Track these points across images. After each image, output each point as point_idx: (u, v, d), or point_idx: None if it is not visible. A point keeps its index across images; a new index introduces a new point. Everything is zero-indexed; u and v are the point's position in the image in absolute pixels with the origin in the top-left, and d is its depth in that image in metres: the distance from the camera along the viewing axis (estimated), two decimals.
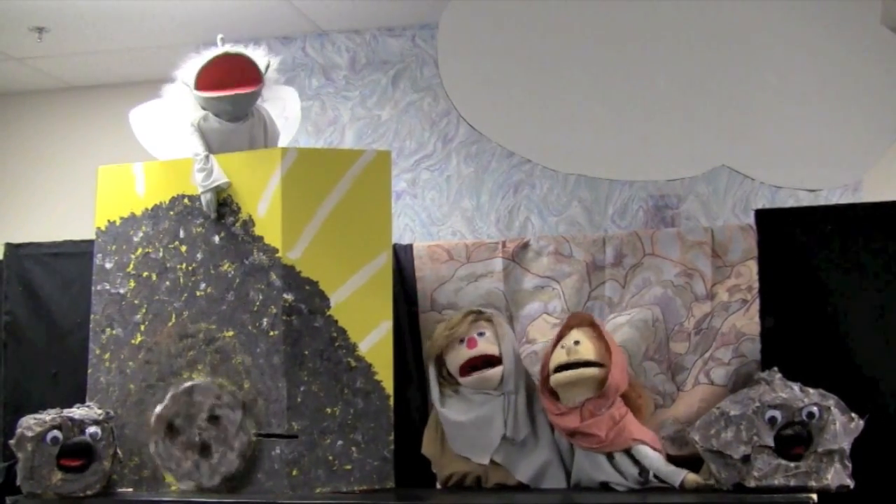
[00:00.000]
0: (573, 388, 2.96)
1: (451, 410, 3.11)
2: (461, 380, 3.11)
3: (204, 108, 3.21)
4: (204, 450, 3.04)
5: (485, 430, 3.06)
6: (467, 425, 3.08)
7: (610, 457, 2.95)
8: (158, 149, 3.54)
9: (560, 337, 3.03)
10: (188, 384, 3.08)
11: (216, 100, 3.17)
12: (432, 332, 3.21)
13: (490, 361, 3.08)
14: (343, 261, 3.10)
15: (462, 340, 3.11)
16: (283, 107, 3.57)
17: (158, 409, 3.09)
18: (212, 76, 3.16)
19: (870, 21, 3.14)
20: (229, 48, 3.19)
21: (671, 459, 2.97)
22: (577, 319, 3.06)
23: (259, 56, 3.23)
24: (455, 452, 3.10)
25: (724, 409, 2.75)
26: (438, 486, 3.16)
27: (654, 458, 2.91)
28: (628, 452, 2.93)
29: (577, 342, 2.97)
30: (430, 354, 3.19)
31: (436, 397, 3.14)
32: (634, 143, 3.15)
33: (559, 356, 2.98)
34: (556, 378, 2.97)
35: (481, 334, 3.11)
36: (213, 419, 3.05)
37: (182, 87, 3.22)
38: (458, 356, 3.11)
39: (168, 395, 3.09)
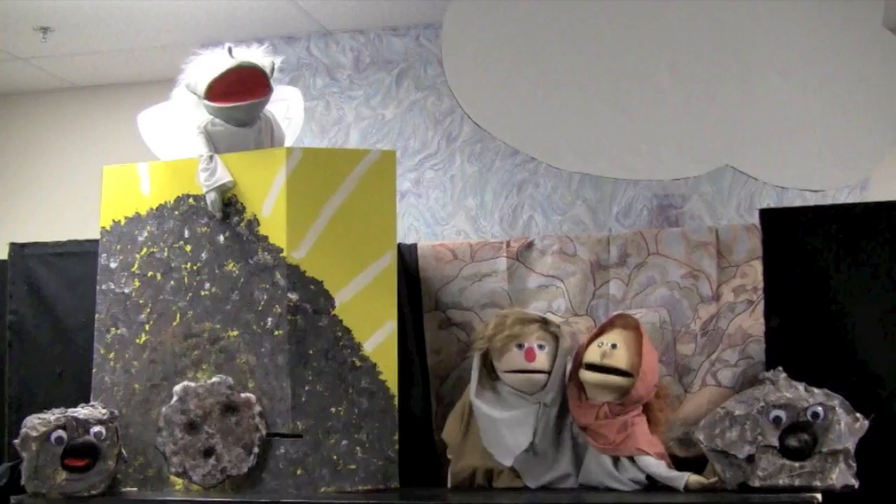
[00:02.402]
0: (600, 389, 2.97)
1: (485, 404, 3.08)
2: (505, 376, 3.07)
3: (211, 112, 3.21)
4: (207, 453, 3.05)
5: (515, 433, 3.03)
6: (500, 423, 3.04)
7: (616, 462, 2.95)
8: (166, 152, 3.54)
9: (601, 331, 3.02)
10: (198, 390, 3.07)
11: (228, 110, 3.18)
12: (494, 327, 3.08)
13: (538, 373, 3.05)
14: (348, 260, 3.10)
15: (521, 346, 3.05)
16: (286, 107, 3.57)
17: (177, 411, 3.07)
18: (222, 87, 3.16)
19: (872, 23, 3.15)
20: (239, 60, 3.17)
21: (678, 461, 2.96)
22: (623, 321, 3.03)
23: (264, 59, 3.23)
24: (478, 444, 3.08)
25: (728, 409, 2.75)
26: (450, 476, 3.14)
27: (655, 466, 2.90)
28: (632, 459, 2.93)
29: (614, 346, 2.96)
30: (480, 347, 3.10)
31: (473, 388, 3.09)
32: (639, 142, 3.15)
33: (594, 353, 2.97)
34: (585, 375, 2.97)
35: (541, 347, 3.05)
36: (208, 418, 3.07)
37: (189, 94, 3.22)
38: (511, 361, 3.05)
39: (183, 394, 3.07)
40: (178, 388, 3.07)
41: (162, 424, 3.06)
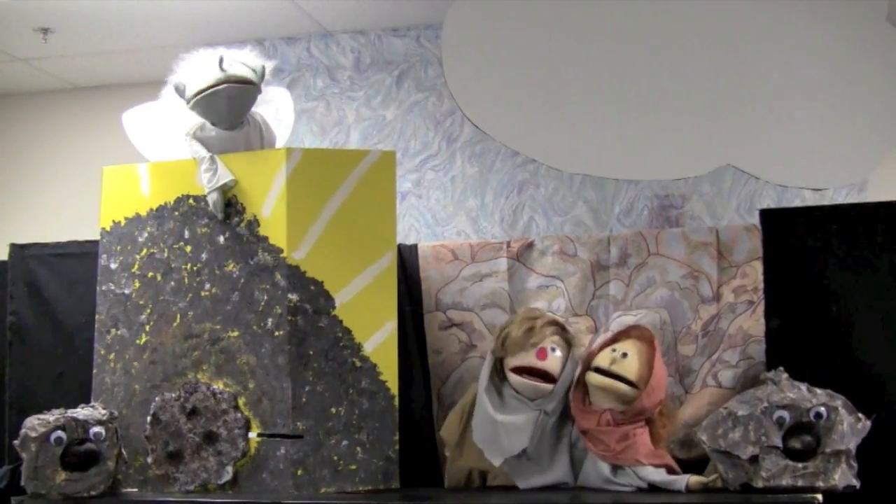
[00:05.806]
0: (604, 393, 2.95)
1: (489, 403, 3.06)
2: (513, 378, 3.06)
3: (200, 115, 3.20)
4: (210, 438, 3.07)
5: (510, 437, 3.02)
6: (497, 424, 3.03)
7: (615, 469, 2.93)
8: (152, 152, 3.52)
9: (615, 339, 3.01)
10: (149, 417, 3.12)
11: (209, 96, 3.14)
12: (510, 322, 3.11)
13: (546, 376, 3.05)
14: (348, 261, 3.10)
15: (535, 344, 3.04)
16: (275, 109, 3.54)
17: (151, 458, 3.12)
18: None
19: (876, 19, 3.14)
20: (228, 73, 3.12)
21: (680, 463, 2.96)
22: (639, 332, 3.01)
23: (255, 62, 3.20)
24: (474, 444, 3.08)
25: (731, 410, 2.74)
26: (446, 476, 3.15)
27: (655, 474, 2.88)
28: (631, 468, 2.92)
29: (625, 354, 2.94)
30: (499, 346, 3.10)
31: (483, 383, 3.08)
32: (640, 143, 3.14)
33: (604, 358, 2.95)
34: (591, 377, 2.95)
35: (553, 350, 3.05)
36: (193, 413, 3.07)
37: (177, 98, 3.21)
38: (521, 358, 3.05)
39: (147, 433, 3.12)
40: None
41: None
